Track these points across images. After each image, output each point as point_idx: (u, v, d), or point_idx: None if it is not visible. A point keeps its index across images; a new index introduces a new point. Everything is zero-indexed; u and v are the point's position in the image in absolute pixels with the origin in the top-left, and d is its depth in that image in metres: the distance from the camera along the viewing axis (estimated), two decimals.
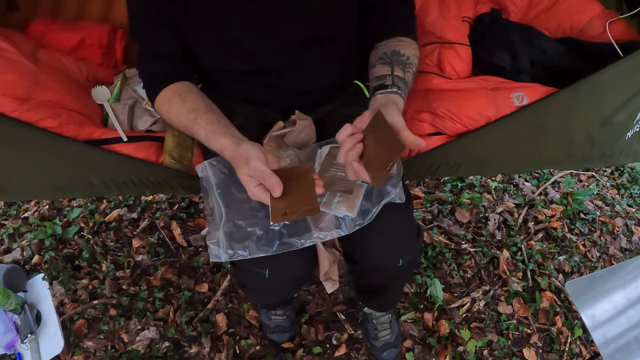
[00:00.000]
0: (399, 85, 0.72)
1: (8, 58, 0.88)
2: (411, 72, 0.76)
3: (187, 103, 0.76)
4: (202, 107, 0.76)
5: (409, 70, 0.76)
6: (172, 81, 0.79)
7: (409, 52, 0.78)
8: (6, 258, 1.43)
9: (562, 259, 1.48)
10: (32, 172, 0.87)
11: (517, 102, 0.91)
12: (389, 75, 0.73)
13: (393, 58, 0.76)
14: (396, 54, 0.77)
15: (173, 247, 1.46)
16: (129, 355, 1.19)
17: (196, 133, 0.74)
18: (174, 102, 0.77)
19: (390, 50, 0.78)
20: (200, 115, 0.74)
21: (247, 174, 0.64)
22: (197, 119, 0.73)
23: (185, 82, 0.80)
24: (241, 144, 0.67)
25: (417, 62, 0.80)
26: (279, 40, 0.78)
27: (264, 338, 1.25)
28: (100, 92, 1.00)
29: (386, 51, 0.78)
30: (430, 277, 1.38)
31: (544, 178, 1.81)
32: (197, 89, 0.80)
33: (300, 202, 0.63)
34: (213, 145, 0.71)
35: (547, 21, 1.11)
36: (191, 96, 0.78)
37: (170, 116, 0.78)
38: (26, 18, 1.09)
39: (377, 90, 0.72)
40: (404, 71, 0.75)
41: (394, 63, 0.75)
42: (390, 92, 0.71)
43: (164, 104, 0.79)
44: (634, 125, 0.98)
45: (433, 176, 1.03)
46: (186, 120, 0.75)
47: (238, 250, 0.69)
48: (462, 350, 1.23)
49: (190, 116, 0.74)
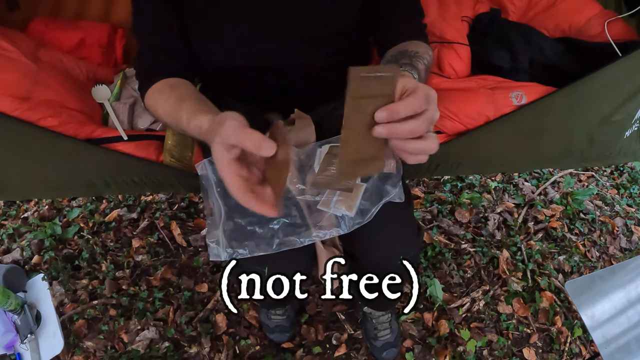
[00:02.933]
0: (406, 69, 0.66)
1: (8, 57, 0.88)
2: (422, 63, 0.70)
3: (176, 91, 0.70)
4: (192, 96, 0.68)
5: (418, 60, 0.70)
6: (166, 76, 0.75)
7: (417, 49, 0.73)
8: (6, 258, 1.43)
9: (562, 258, 1.48)
10: (32, 171, 0.87)
11: (516, 101, 0.91)
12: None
13: (399, 56, 0.72)
14: (403, 53, 0.73)
15: (173, 247, 1.46)
16: (129, 356, 1.19)
17: (179, 119, 0.64)
18: (164, 91, 0.72)
19: (397, 51, 0.74)
20: (186, 101, 0.66)
21: (220, 141, 0.45)
22: (183, 105, 0.65)
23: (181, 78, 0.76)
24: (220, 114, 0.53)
25: (428, 58, 0.74)
26: (280, 37, 0.78)
27: (264, 338, 1.25)
28: (101, 91, 1.00)
29: (393, 53, 0.74)
30: (430, 277, 1.38)
31: (544, 178, 1.81)
32: (191, 85, 0.75)
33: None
34: (193, 125, 0.60)
35: (546, 21, 1.11)
36: (183, 87, 0.72)
37: (156, 107, 0.72)
38: (26, 17, 1.10)
39: None
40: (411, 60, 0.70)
41: (399, 58, 0.71)
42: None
43: (153, 93, 0.74)
44: (633, 124, 0.98)
45: (432, 175, 1.03)
46: (172, 107, 0.67)
47: (238, 249, 0.69)
48: (462, 350, 1.23)
49: (177, 103, 0.67)
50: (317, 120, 0.84)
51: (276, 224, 0.71)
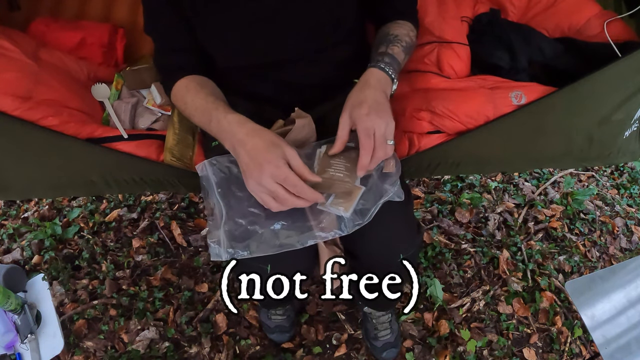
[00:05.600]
0: (378, 59, 0.74)
1: (9, 57, 0.88)
2: (399, 46, 0.77)
3: (205, 89, 0.78)
4: (219, 95, 0.78)
5: (395, 44, 0.77)
6: (189, 73, 0.81)
7: (398, 31, 0.80)
8: (6, 258, 1.43)
9: (562, 259, 1.48)
10: (33, 170, 0.87)
11: (516, 101, 0.91)
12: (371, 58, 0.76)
13: (379, 41, 0.79)
14: (384, 36, 0.79)
15: (173, 247, 1.46)
16: (129, 356, 1.19)
17: (212, 110, 0.72)
18: (192, 87, 0.79)
19: (380, 34, 0.81)
20: (218, 99, 0.75)
21: (282, 156, 0.64)
22: (216, 101, 0.73)
23: (203, 76, 0.82)
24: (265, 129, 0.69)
25: (408, 40, 0.80)
26: (281, 34, 0.79)
27: (264, 338, 1.25)
28: (100, 90, 1.00)
29: (377, 36, 0.81)
30: (430, 277, 1.38)
31: (544, 178, 1.81)
32: (214, 84, 0.82)
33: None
34: (232, 117, 0.69)
35: (546, 21, 1.11)
36: (210, 85, 0.80)
37: (186, 100, 0.78)
38: (27, 17, 1.10)
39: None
40: (387, 46, 0.76)
41: (379, 44, 0.78)
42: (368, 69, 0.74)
43: (181, 90, 0.80)
44: (632, 124, 0.98)
45: (432, 174, 1.04)
46: (202, 101, 0.74)
47: (239, 249, 0.69)
48: (462, 350, 1.23)
49: (209, 98, 0.74)
50: (318, 118, 0.84)
51: (277, 224, 0.71)
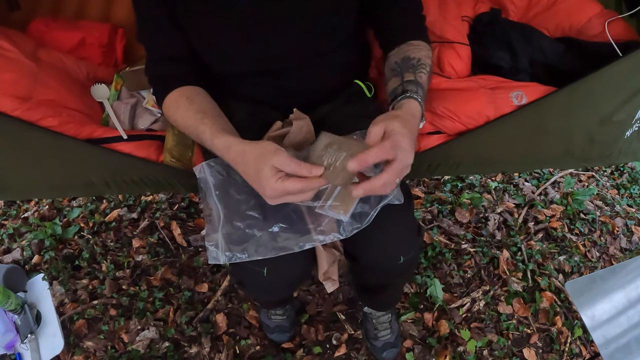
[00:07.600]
0: (409, 89, 0.72)
1: (8, 57, 0.88)
2: (424, 73, 0.76)
3: (194, 105, 0.75)
4: (209, 110, 0.76)
5: (420, 71, 0.76)
6: (180, 84, 0.79)
7: (419, 54, 0.78)
8: (6, 258, 1.43)
9: (562, 259, 1.48)
10: (32, 171, 0.87)
11: (516, 101, 0.91)
12: (399, 85, 0.74)
13: (403, 65, 0.77)
14: (406, 60, 0.77)
15: (173, 247, 1.46)
16: (129, 355, 1.19)
17: (201, 133, 0.71)
18: (181, 103, 0.77)
19: (400, 58, 0.78)
20: (207, 116, 0.73)
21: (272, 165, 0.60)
22: (204, 119, 0.72)
23: (194, 86, 0.80)
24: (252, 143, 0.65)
25: (429, 62, 0.79)
26: (279, 40, 0.78)
27: (264, 338, 1.25)
28: (100, 90, 1.00)
29: (397, 60, 0.78)
30: (430, 277, 1.38)
31: (544, 178, 1.81)
32: (205, 93, 0.80)
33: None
34: (218, 141, 0.69)
35: (546, 21, 1.11)
36: (199, 98, 0.78)
37: (176, 117, 0.77)
38: (27, 17, 1.10)
39: (390, 104, 0.74)
40: (414, 74, 0.75)
41: (404, 70, 0.76)
42: (401, 99, 0.71)
43: (171, 105, 0.78)
44: (633, 124, 0.98)
45: (432, 175, 1.03)
46: (192, 120, 0.73)
47: (236, 252, 0.69)
48: (462, 350, 1.23)
49: (197, 116, 0.73)
50: (316, 120, 0.84)
51: (275, 227, 0.70)
